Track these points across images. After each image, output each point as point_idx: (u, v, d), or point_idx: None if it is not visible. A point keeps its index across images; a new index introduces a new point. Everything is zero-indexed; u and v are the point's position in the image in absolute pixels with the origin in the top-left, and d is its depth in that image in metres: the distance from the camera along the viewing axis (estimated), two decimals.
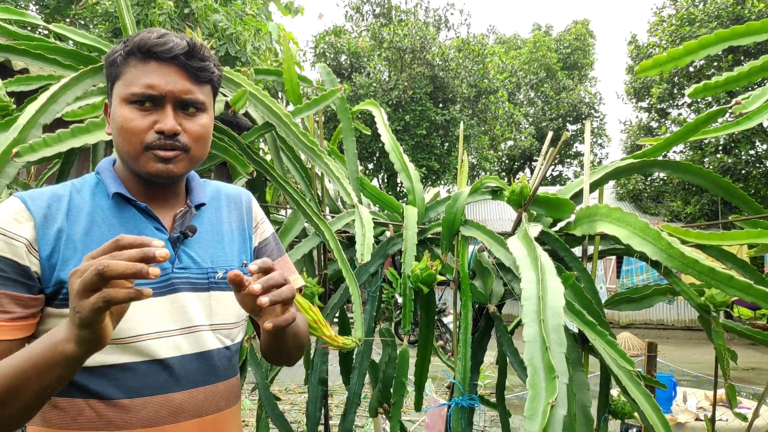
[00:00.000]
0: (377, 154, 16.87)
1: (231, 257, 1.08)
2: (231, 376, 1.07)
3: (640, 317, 14.50)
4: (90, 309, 0.71)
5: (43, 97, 1.43)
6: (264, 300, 0.82)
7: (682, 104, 16.58)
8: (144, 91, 0.94)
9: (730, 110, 1.60)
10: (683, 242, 1.40)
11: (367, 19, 20.19)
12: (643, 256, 1.44)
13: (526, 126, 24.57)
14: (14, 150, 1.23)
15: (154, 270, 0.72)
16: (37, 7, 8.96)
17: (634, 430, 3.59)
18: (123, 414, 0.92)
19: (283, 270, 1.17)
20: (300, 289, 1.21)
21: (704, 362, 7.84)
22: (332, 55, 17.68)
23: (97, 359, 0.90)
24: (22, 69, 4.35)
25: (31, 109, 1.39)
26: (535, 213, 1.82)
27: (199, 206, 1.07)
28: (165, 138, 0.95)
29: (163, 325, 0.96)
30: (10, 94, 1.74)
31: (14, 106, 1.71)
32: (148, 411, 0.93)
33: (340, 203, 2.29)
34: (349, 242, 2.04)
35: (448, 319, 10.73)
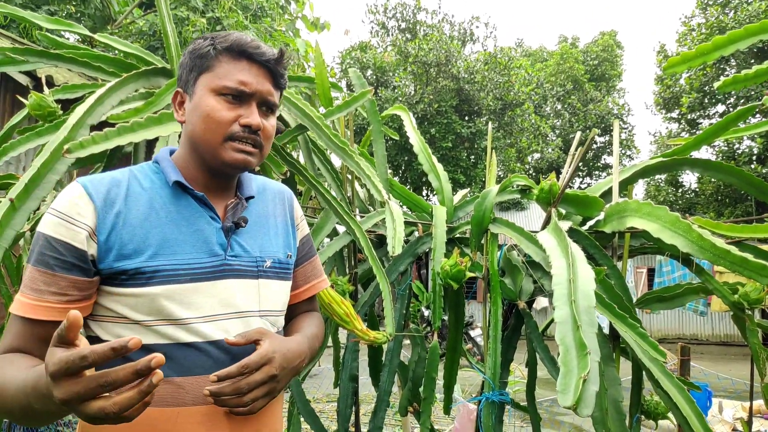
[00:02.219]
0: (402, 167, 16.94)
1: (277, 248, 1.14)
2: None
3: (672, 331, 14.15)
4: (90, 414, 0.72)
5: (90, 100, 1.51)
6: (208, 389, 0.92)
7: (714, 114, 16.27)
8: (237, 87, 1.01)
9: (761, 103, 1.60)
10: (714, 234, 1.39)
11: (392, 35, 20.40)
12: (673, 250, 1.44)
13: (553, 138, 24.37)
14: (65, 147, 1.30)
15: (157, 376, 0.73)
16: None
17: None
18: (174, 391, 0.96)
19: (315, 270, 1.28)
20: (332, 285, 1.26)
21: (739, 378, 7.62)
22: (358, 70, 17.89)
23: (157, 338, 0.95)
24: (63, 84, 4.53)
25: (80, 110, 1.47)
26: (564, 211, 1.83)
27: (248, 199, 1.12)
28: (250, 132, 1.02)
29: (215, 310, 1.00)
30: (56, 102, 1.84)
31: (61, 112, 1.80)
32: (197, 390, 0.97)
33: (369, 205, 2.33)
34: (378, 241, 2.07)
35: (475, 332, 10.65)
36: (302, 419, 1.96)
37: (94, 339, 0.99)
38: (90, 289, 0.96)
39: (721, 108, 16.06)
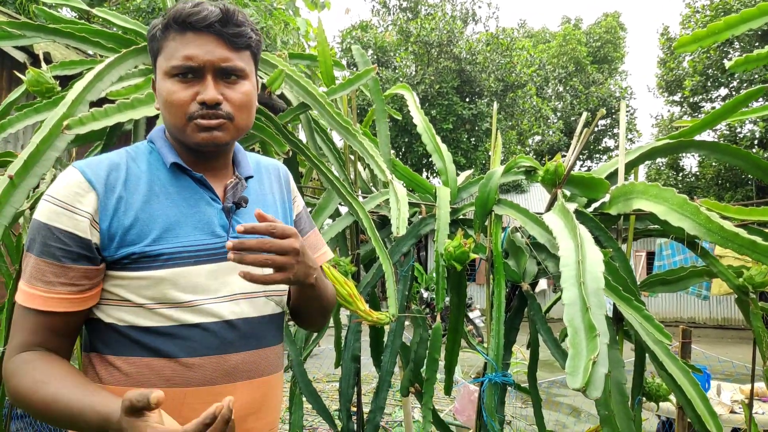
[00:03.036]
0: (403, 149, 16.87)
1: None
2: (277, 343, 1.10)
3: (670, 315, 14.24)
4: None
5: (89, 75, 1.48)
6: (231, 256, 0.86)
7: (716, 97, 16.18)
8: (183, 63, 0.95)
9: None
10: (722, 217, 1.38)
11: (393, 14, 20.17)
12: (680, 233, 1.43)
13: (555, 121, 24.26)
14: (65, 123, 1.28)
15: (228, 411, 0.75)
16: None
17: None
18: (183, 372, 0.95)
19: (315, 244, 1.24)
20: (335, 265, 1.24)
21: (737, 361, 7.67)
22: (361, 48, 17.73)
23: (161, 320, 0.94)
24: (61, 60, 4.48)
25: (79, 86, 1.44)
26: (569, 193, 1.82)
27: (248, 178, 1.09)
28: (207, 108, 0.96)
29: (219, 291, 0.99)
30: (54, 78, 1.81)
31: (59, 89, 1.77)
32: (205, 370, 0.96)
33: (371, 186, 2.31)
34: (381, 222, 2.06)
35: (474, 314, 10.71)
36: (304, 399, 1.96)
37: (94, 321, 0.99)
38: (98, 277, 0.96)
39: (723, 91, 15.95)
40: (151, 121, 1.71)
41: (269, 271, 0.91)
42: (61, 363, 0.93)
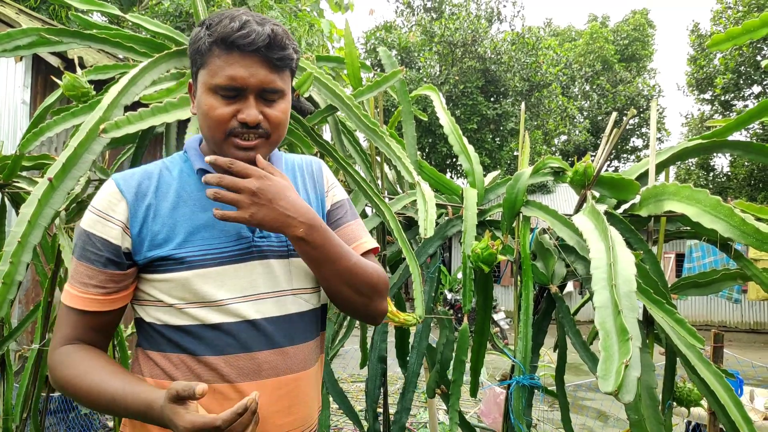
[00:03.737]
0: (426, 150, 16.84)
1: None
2: (309, 339, 1.11)
3: (700, 318, 13.93)
4: None
5: (124, 80, 1.52)
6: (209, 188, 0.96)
7: (749, 95, 15.77)
8: (227, 83, 0.97)
9: None
10: (757, 219, 1.35)
11: (417, 14, 20.15)
12: (713, 235, 1.40)
13: (581, 120, 23.94)
14: (101, 126, 1.31)
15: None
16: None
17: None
18: (210, 370, 1.00)
19: (353, 234, 1.19)
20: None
21: None
22: (387, 50, 17.75)
23: (189, 319, 1.00)
24: (94, 65, 4.59)
25: (114, 90, 1.48)
26: (598, 195, 1.80)
27: None
28: (248, 128, 0.99)
29: (245, 290, 1.03)
30: (89, 83, 1.86)
31: (93, 93, 1.82)
32: (232, 368, 1.00)
33: (398, 187, 2.31)
34: (407, 224, 2.06)
35: (498, 316, 10.64)
36: (331, 399, 1.98)
37: (139, 320, 1.07)
38: (125, 281, 1.03)
39: (756, 89, 15.55)
40: (182, 124, 1.74)
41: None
42: (100, 355, 1.02)
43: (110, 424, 4.40)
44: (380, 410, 2.11)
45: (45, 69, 5.34)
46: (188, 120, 1.63)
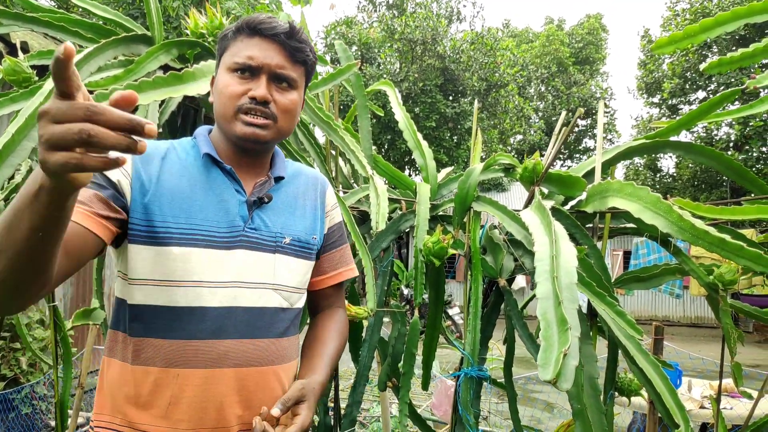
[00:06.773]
0: (385, 146, 16.88)
1: (300, 228, 1.17)
2: (283, 337, 1.13)
3: (645, 313, 14.48)
4: (57, 165, 0.62)
5: None
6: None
7: (694, 100, 16.46)
8: (244, 61, 1.05)
9: (744, 90, 1.61)
10: (694, 216, 1.41)
11: (379, 10, 20.14)
12: (653, 230, 1.46)
13: (536, 120, 24.48)
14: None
15: (141, 145, 0.64)
16: None
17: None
18: (177, 352, 1.00)
19: (343, 258, 1.30)
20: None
21: (708, 357, 7.85)
22: (344, 44, 17.67)
23: (165, 299, 1.00)
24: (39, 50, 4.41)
25: None
26: (546, 191, 1.84)
27: (278, 179, 1.16)
28: (256, 103, 1.05)
29: (227, 277, 1.04)
30: (31, 68, 1.79)
31: (36, 78, 1.75)
32: (196, 353, 1.01)
33: (353, 181, 2.31)
34: (361, 218, 2.07)
35: (453, 311, 10.79)
36: None
37: (118, 301, 1.07)
38: (116, 214, 0.99)
39: (701, 94, 16.24)
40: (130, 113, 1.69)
41: None
42: None
43: (52, 423, 4.25)
44: (332, 404, 2.11)
45: None
46: (136, 109, 1.58)
